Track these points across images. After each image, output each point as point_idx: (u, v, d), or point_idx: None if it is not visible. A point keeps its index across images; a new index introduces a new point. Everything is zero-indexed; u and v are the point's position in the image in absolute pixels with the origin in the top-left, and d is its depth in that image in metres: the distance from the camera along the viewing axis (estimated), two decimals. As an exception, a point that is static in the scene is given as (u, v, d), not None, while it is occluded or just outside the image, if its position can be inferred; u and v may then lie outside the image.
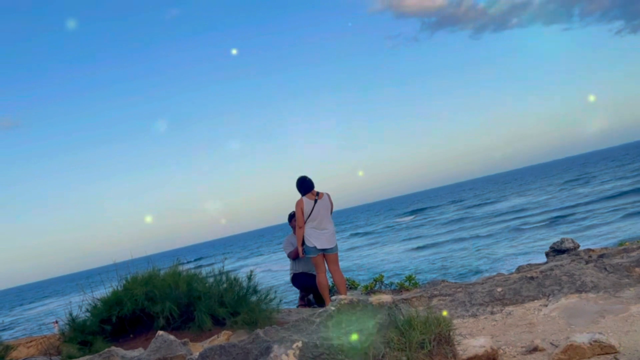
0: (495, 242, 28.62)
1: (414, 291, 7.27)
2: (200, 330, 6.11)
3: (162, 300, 6.22)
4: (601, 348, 3.64)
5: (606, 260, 5.78)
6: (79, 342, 6.17)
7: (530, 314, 5.01)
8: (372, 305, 3.67)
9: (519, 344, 4.25)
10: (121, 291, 6.58)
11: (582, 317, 4.60)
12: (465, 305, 5.64)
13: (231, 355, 3.22)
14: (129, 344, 5.98)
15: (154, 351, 4.48)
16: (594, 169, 73.29)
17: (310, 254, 6.95)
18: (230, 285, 6.70)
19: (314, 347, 3.07)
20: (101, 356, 4.57)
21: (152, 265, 7.08)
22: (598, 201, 34.79)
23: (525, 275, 5.82)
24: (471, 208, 55.71)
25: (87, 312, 6.69)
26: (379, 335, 3.30)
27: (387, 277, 9.06)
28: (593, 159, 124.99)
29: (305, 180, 7.03)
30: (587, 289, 5.13)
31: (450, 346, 3.43)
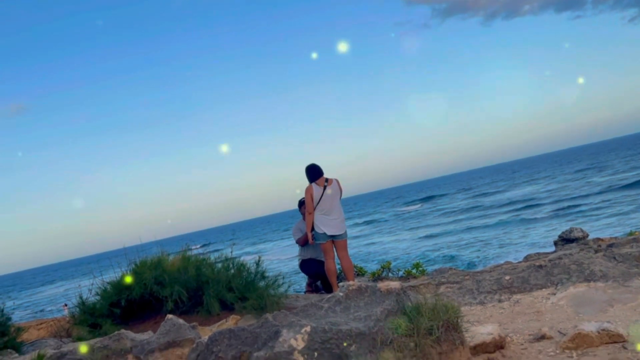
0: (504, 231, 28.58)
1: (421, 279, 7.27)
2: (208, 315, 6.16)
3: (171, 284, 6.27)
4: (609, 337, 3.64)
5: (615, 249, 5.76)
6: (89, 324, 6.24)
7: (538, 302, 5.02)
8: (380, 291, 3.68)
9: (527, 331, 4.26)
10: (130, 275, 6.63)
11: (590, 306, 4.60)
12: (472, 293, 5.65)
13: (240, 339, 3.25)
14: (138, 327, 6.04)
15: (164, 334, 4.53)
16: (607, 158, 72.75)
17: (320, 240, 6.98)
18: (239, 270, 6.73)
19: (322, 332, 3.09)
20: (111, 339, 4.62)
21: (161, 250, 7.14)
22: (609, 191, 34.58)
23: (533, 264, 5.82)
24: (480, 197, 55.56)
25: (96, 295, 6.76)
26: (387, 321, 3.32)
27: (394, 265, 9.08)
28: (606, 147, 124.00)
29: (314, 167, 7.05)
30: (596, 278, 5.12)
31: (458, 333, 3.44)
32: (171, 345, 4.45)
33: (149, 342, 4.48)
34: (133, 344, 4.54)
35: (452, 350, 3.37)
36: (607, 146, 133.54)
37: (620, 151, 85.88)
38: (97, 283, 6.93)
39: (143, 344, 4.50)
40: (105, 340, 4.63)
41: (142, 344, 4.50)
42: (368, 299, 3.63)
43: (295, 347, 3.00)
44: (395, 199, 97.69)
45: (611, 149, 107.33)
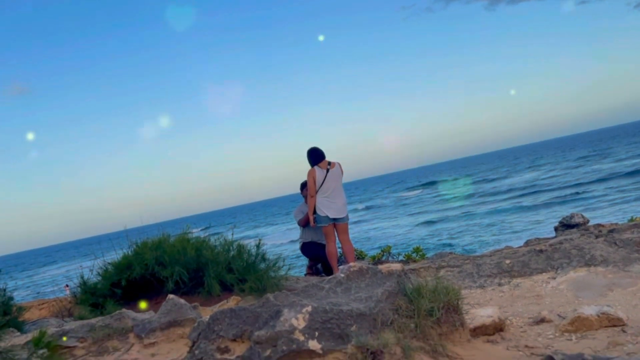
0: (505, 217, 28.62)
1: (421, 262, 7.30)
2: (209, 296, 6.20)
3: (172, 265, 6.30)
4: (609, 320, 3.65)
5: (616, 235, 5.77)
6: (90, 304, 6.29)
7: (538, 286, 5.04)
8: (382, 273, 3.69)
9: (526, 315, 4.28)
10: (132, 256, 6.67)
11: (590, 290, 4.62)
12: (472, 277, 5.67)
13: (241, 319, 3.27)
14: (139, 307, 6.08)
15: (165, 314, 4.56)
16: (610, 145, 72.58)
17: (322, 223, 7.00)
18: (239, 252, 6.77)
19: (323, 312, 3.10)
20: (113, 318, 4.65)
21: (162, 232, 7.17)
22: (611, 178, 34.56)
23: (534, 249, 5.83)
24: (481, 183, 55.58)
25: (98, 275, 6.81)
26: (388, 302, 3.33)
27: (394, 249, 9.11)
28: (610, 134, 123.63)
29: (316, 150, 7.04)
30: (596, 262, 5.14)
31: (458, 315, 3.45)
32: (172, 324, 4.48)
33: (150, 322, 4.52)
34: (134, 323, 4.57)
35: (452, 332, 3.39)
36: (611, 133, 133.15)
37: (623, 138, 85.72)
38: (98, 264, 6.98)
39: (144, 323, 4.53)
40: (107, 319, 4.66)
41: (144, 323, 4.53)
42: (369, 281, 3.64)
43: (296, 327, 3.02)
44: (396, 184, 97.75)
45: (614, 135, 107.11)
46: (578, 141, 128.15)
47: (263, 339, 3.01)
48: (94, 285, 6.63)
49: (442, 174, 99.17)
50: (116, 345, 4.35)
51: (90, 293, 6.52)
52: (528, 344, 3.60)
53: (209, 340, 3.23)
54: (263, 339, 3.01)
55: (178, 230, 7.50)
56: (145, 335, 4.43)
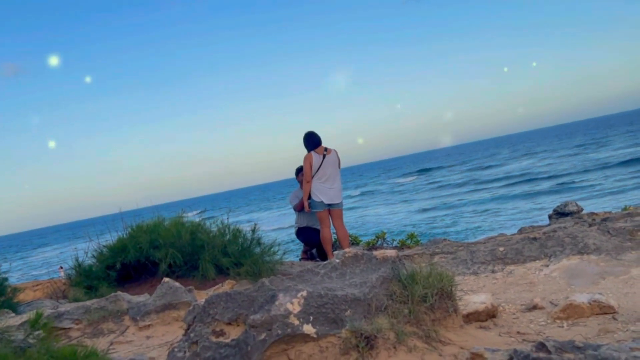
0: (499, 205, 28.73)
1: (415, 249, 7.34)
2: (204, 279, 6.23)
3: (166, 247, 6.32)
4: (600, 308, 3.70)
5: (609, 223, 5.82)
6: (85, 286, 6.32)
7: (531, 273, 5.08)
8: (376, 258, 3.72)
9: (519, 301, 4.33)
10: (126, 239, 6.68)
11: (582, 278, 4.67)
12: (466, 263, 5.71)
13: (236, 302, 3.29)
14: (134, 290, 6.11)
15: (160, 297, 4.59)
16: (607, 133, 72.72)
17: (316, 209, 7.02)
18: (234, 236, 6.79)
19: (318, 297, 3.13)
20: (108, 300, 4.68)
21: (157, 215, 7.17)
22: (606, 167, 34.66)
23: (527, 236, 5.88)
24: (476, 170, 55.68)
25: (93, 258, 6.82)
26: (382, 288, 3.36)
27: (389, 235, 9.15)
28: (607, 123, 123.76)
29: (313, 136, 7.04)
30: (589, 250, 5.18)
31: (451, 301, 3.48)
32: (167, 307, 4.52)
33: (145, 304, 4.55)
34: (129, 306, 4.60)
35: (445, 318, 3.43)
36: (609, 121, 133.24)
37: (620, 127, 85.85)
38: (93, 246, 6.99)
39: (139, 305, 4.56)
40: (102, 301, 4.69)
41: (139, 305, 4.56)
42: (364, 266, 3.67)
43: (291, 311, 3.05)
44: (391, 170, 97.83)
45: (612, 124, 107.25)
46: (576, 129, 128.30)
47: (258, 323, 3.03)
48: (88, 268, 6.65)
49: (438, 160, 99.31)
50: (111, 327, 4.38)
51: (85, 275, 6.54)
52: (520, 330, 3.65)
53: (204, 324, 3.26)
54: (258, 323, 3.03)
55: (173, 213, 7.51)
56: (140, 318, 4.46)
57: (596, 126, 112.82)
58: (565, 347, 2.54)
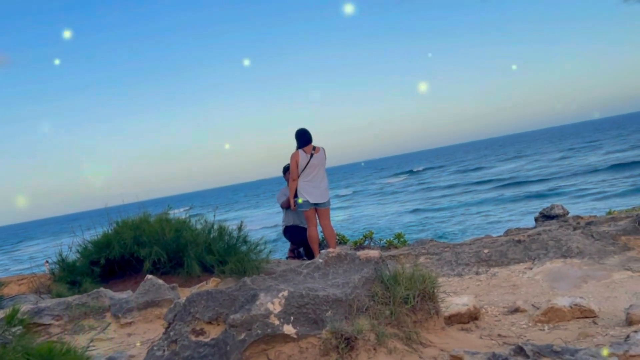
0: (486, 207, 28.87)
1: (402, 249, 7.35)
2: (189, 277, 6.20)
3: (150, 245, 6.28)
4: (581, 312, 3.72)
5: (594, 227, 5.85)
6: (69, 282, 6.26)
7: (515, 276, 5.10)
8: (360, 259, 3.72)
9: (501, 304, 4.34)
10: (111, 234, 6.63)
11: (565, 281, 4.69)
12: (451, 265, 5.73)
13: (217, 301, 3.27)
14: (117, 286, 6.07)
15: (142, 294, 4.56)
16: (597, 137, 73.25)
17: (303, 208, 7.00)
18: (220, 234, 6.76)
19: (299, 297, 3.12)
20: (90, 296, 4.64)
21: (143, 211, 7.12)
22: (593, 171, 34.89)
23: (512, 239, 5.90)
24: (465, 172, 55.91)
25: (77, 253, 6.76)
26: (364, 289, 3.36)
27: (377, 234, 9.14)
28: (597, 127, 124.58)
29: (304, 133, 6.99)
30: (573, 254, 5.21)
31: (433, 303, 3.49)
32: (150, 305, 4.49)
33: (127, 301, 4.52)
34: (112, 302, 4.57)
35: (427, 320, 3.43)
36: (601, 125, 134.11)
37: (610, 131, 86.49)
38: (78, 241, 6.93)
39: (122, 302, 4.53)
40: (84, 297, 4.65)
41: (121, 302, 4.53)
42: (347, 267, 3.66)
43: (271, 311, 3.03)
44: (381, 170, 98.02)
45: (603, 128, 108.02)
46: (564, 132, 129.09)
47: (238, 322, 3.02)
48: (72, 263, 6.59)
49: (428, 161, 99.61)
50: (92, 324, 4.35)
51: (69, 271, 6.48)
52: (501, 333, 3.66)
53: (185, 322, 3.24)
54: (238, 322, 3.02)
55: (160, 209, 7.46)
56: (122, 315, 4.43)
57: (587, 130, 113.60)
58: (543, 351, 2.54)
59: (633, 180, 28.24)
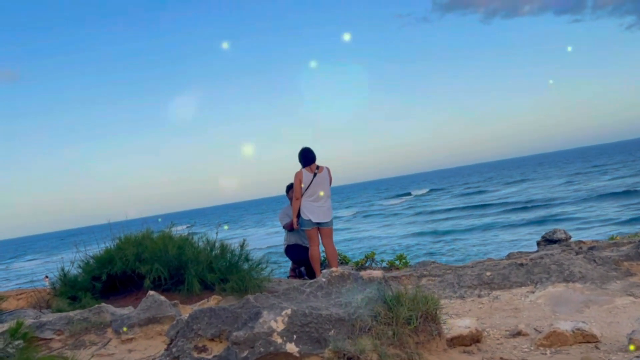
0: (489, 230, 28.80)
1: (404, 270, 7.33)
2: (190, 294, 6.19)
3: (151, 262, 6.28)
4: (583, 336, 3.71)
5: (596, 252, 5.85)
6: (69, 297, 6.25)
7: (517, 299, 5.09)
8: (362, 279, 3.73)
9: (504, 327, 4.33)
10: (114, 250, 6.64)
11: (567, 306, 4.68)
12: (453, 287, 5.72)
13: (220, 318, 3.28)
14: (119, 302, 6.06)
15: (144, 310, 4.55)
16: (601, 161, 73.15)
17: (305, 227, 7.01)
18: (222, 251, 6.76)
19: (302, 316, 3.13)
20: (91, 311, 4.64)
21: (146, 227, 7.14)
22: (597, 197, 34.78)
23: (515, 262, 5.90)
24: (471, 195, 55.83)
25: (79, 268, 6.77)
26: (367, 309, 3.36)
27: (379, 255, 9.13)
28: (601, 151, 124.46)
29: (308, 152, 7.01)
30: (575, 279, 5.21)
31: (436, 324, 3.49)
32: (151, 321, 4.48)
33: (129, 317, 4.51)
34: (113, 318, 4.57)
35: (429, 341, 3.43)
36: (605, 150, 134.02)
37: (615, 155, 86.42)
38: (80, 256, 6.93)
39: (123, 318, 4.52)
40: (85, 312, 4.65)
41: (122, 318, 4.52)
42: (350, 286, 3.67)
43: (274, 329, 3.04)
44: (384, 191, 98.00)
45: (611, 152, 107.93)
46: (573, 156, 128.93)
47: (241, 340, 3.02)
48: (74, 278, 6.59)
49: (431, 183, 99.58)
50: (93, 340, 4.34)
51: (70, 286, 6.48)
52: (503, 356, 3.65)
53: (187, 339, 3.24)
54: (241, 340, 3.02)
55: (163, 226, 7.47)
56: (123, 332, 4.42)
57: (592, 154, 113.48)
58: (546, 374, 2.54)
59: (637, 207, 28.20)
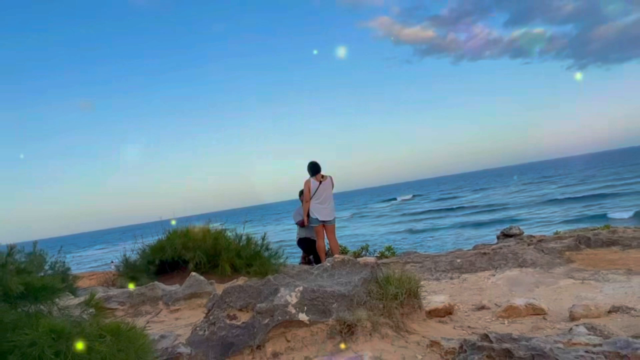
0: (460, 227, 28.65)
1: (391, 258, 7.30)
2: (222, 276, 6.18)
3: (194, 250, 6.30)
4: (533, 310, 3.68)
5: (544, 244, 5.81)
6: (130, 277, 6.27)
7: (481, 281, 5.06)
8: (359, 264, 3.72)
9: (471, 302, 4.30)
10: (164, 240, 6.66)
11: (521, 286, 4.65)
12: (431, 271, 5.69)
13: (247, 293, 3.28)
14: (168, 281, 6.06)
15: (188, 287, 4.56)
16: (553, 173, 72.45)
17: (313, 224, 7.01)
18: (248, 242, 6.76)
19: (311, 292, 3.13)
20: (147, 288, 4.65)
21: (189, 223, 7.16)
22: (547, 203, 34.49)
23: (479, 252, 5.87)
24: (442, 200, 55.57)
25: (137, 255, 6.79)
26: (363, 287, 3.35)
27: (371, 247, 9.11)
28: (539, 166, 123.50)
29: (315, 165, 7.05)
30: (527, 264, 5.17)
31: (417, 299, 3.47)
32: (193, 296, 4.49)
33: (176, 292, 4.52)
34: (163, 293, 4.58)
35: (412, 313, 3.41)
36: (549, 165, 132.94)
37: (559, 169, 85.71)
38: (139, 246, 6.96)
39: (171, 293, 4.53)
40: (142, 289, 4.66)
41: (171, 293, 4.54)
42: (349, 269, 3.66)
43: (289, 302, 3.04)
44: (376, 196, 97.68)
45: (552, 166, 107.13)
46: (525, 169, 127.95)
47: (263, 310, 3.02)
48: (134, 262, 6.61)
49: (415, 189, 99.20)
50: (148, 310, 4.35)
51: (131, 268, 6.50)
52: (470, 325, 3.62)
53: (221, 309, 3.25)
54: (263, 310, 3.02)
55: (202, 222, 7.48)
56: (171, 303, 4.43)
57: (541, 168, 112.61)
58: (504, 338, 2.53)
59: (578, 211, 27.98)
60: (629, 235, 5.41)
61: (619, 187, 37.25)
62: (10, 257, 2.63)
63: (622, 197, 32.09)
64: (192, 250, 6.30)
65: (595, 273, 4.81)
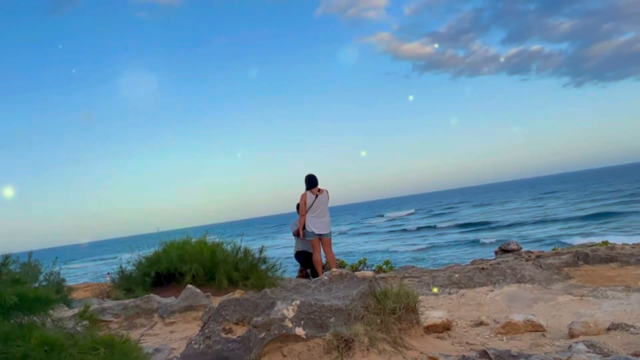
0: (457, 242, 28.58)
1: (389, 273, 7.26)
2: (219, 288, 6.12)
3: (191, 262, 6.25)
4: (532, 326, 3.65)
5: (542, 260, 5.79)
6: (125, 288, 6.21)
7: (480, 296, 5.03)
8: (357, 278, 3.69)
9: (469, 318, 4.27)
10: (161, 252, 6.61)
11: (519, 302, 4.62)
12: (429, 286, 5.65)
13: (244, 307, 3.25)
14: (164, 293, 6.00)
15: (183, 299, 4.52)
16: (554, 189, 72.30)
17: (309, 237, 6.97)
18: (245, 255, 6.71)
19: (309, 306, 3.09)
20: (142, 300, 4.61)
21: (186, 235, 7.11)
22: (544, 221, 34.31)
23: (478, 267, 5.84)
24: (442, 215, 55.50)
25: (133, 266, 6.74)
26: (360, 301, 3.32)
27: (369, 261, 9.06)
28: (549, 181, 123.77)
29: (312, 178, 7.04)
30: (525, 280, 5.14)
31: (415, 315, 3.44)
32: (189, 308, 4.44)
33: (171, 305, 4.48)
34: (159, 306, 4.53)
35: (409, 328, 3.38)
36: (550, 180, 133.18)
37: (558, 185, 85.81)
38: (134, 257, 6.91)
39: (167, 306, 4.49)
40: (137, 301, 4.62)
41: (166, 306, 4.49)
42: (347, 283, 3.64)
43: (286, 316, 3.01)
44: (377, 210, 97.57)
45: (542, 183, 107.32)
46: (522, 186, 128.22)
47: (260, 324, 2.99)
48: (129, 274, 6.56)
49: (416, 205, 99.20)
50: (143, 322, 4.30)
51: (126, 279, 6.44)
52: (469, 341, 3.59)
53: (217, 322, 3.21)
54: (260, 324, 2.99)
55: (199, 235, 7.45)
56: (166, 316, 4.39)
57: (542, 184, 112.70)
58: (503, 355, 2.50)
59: (580, 230, 27.89)
60: (627, 252, 5.39)
61: (619, 205, 36.89)
62: (4, 267, 2.59)
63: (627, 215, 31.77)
64: (189, 262, 6.25)
65: (594, 289, 4.79)
